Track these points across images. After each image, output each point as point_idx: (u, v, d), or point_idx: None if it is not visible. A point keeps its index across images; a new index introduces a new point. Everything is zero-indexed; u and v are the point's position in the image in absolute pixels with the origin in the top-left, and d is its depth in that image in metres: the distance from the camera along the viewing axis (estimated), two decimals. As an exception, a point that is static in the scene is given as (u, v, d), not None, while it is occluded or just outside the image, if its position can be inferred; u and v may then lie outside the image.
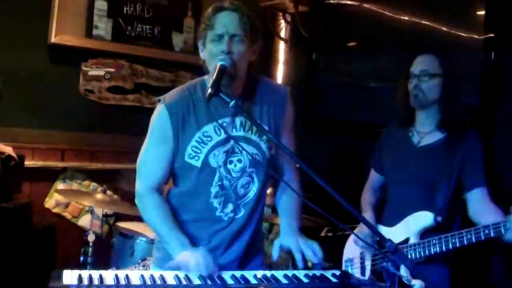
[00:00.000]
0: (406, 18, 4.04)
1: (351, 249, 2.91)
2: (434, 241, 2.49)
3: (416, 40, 3.92)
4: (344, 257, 2.94)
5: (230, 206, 2.21)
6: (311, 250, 2.04)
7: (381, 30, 4.29)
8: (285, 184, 2.28)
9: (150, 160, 2.24)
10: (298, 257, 2.02)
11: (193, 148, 2.16)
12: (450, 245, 2.42)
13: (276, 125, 2.25)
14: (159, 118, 2.20)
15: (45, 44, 4.26)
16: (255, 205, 2.24)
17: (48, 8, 4.22)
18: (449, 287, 2.65)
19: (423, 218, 2.59)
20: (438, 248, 2.46)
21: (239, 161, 2.19)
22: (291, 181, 2.30)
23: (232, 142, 2.16)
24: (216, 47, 2.07)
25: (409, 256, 2.55)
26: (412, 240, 2.59)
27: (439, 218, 2.54)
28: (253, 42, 2.16)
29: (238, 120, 2.18)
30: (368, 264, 2.78)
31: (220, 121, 2.13)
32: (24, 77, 4.19)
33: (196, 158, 2.17)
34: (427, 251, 2.51)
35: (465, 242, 2.38)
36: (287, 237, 2.15)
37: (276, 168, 2.34)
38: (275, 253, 2.08)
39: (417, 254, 2.54)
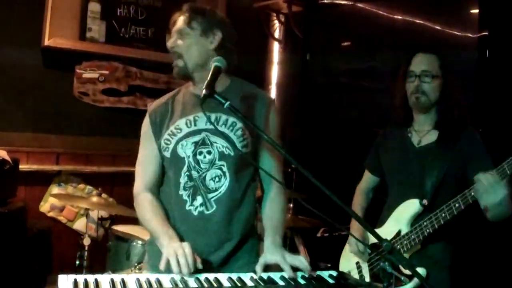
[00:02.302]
0: (400, 17, 4.05)
1: (346, 262, 2.88)
2: (425, 222, 2.46)
3: (410, 39, 3.92)
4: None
5: (199, 199, 2.20)
6: (298, 261, 2.02)
7: (375, 29, 4.29)
8: (271, 195, 2.31)
9: (141, 161, 2.35)
10: (286, 268, 2.01)
11: (165, 141, 2.25)
12: (441, 219, 2.39)
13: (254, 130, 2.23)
14: (144, 123, 2.37)
15: (38, 47, 4.25)
16: (230, 202, 2.22)
17: (41, 11, 4.20)
18: (451, 266, 2.60)
19: (410, 206, 2.57)
20: (430, 228, 2.43)
21: (209, 152, 2.21)
22: (276, 195, 2.32)
23: (203, 134, 2.22)
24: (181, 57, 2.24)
25: (405, 246, 2.54)
26: (404, 231, 2.57)
27: (425, 201, 2.51)
28: (204, 33, 2.25)
29: (213, 116, 2.21)
30: (366, 271, 2.76)
31: (192, 115, 2.24)
32: (18, 81, 4.18)
33: (167, 149, 2.24)
34: (420, 235, 2.48)
35: (455, 212, 2.34)
36: (272, 254, 2.10)
37: (261, 179, 2.36)
38: (259, 270, 2.06)
39: (412, 242, 2.51)
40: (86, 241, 3.49)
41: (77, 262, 3.51)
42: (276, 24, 5.37)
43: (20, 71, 4.19)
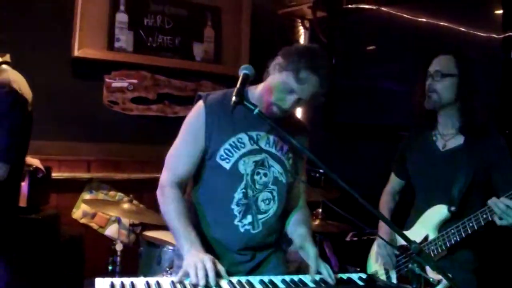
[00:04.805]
0: (423, 20, 4.05)
1: (373, 264, 2.89)
2: (452, 230, 2.47)
3: (434, 41, 3.92)
4: (368, 272, 2.92)
5: (249, 218, 2.24)
6: (326, 271, 2.05)
7: (399, 32, 4.30)
8: (298, 215, 2.38)
9: (178, 154, 2.28)
10: (314, 265, 2.07)
11: (226, 151, 2.21)
12: (469, 229, 2.39)
13: (295, 154, 2.33)
14: (196, 116, 2.26)
15: (69, 58, 4.34)
16: (274, 225, 2.30)
17: (70, 23, 4.30)
18: (477, 269, 2.62)
19: (438, 212, 2.58)
20: (457, 236, 2.44)
21: (265, 175, 2.24)
22: (301, 213, 2.41)
23: (264, 154, 2.24)
24: (287, 99, 2.15)
25: (432, 252, 2.54)
26: (432, 236, 2.58)
27: (453, 208, 2.52)
28: None
29: (272, 137, 2.26)
30: (393, 273, 2.77)
31: (255, 133, 2.23)
32: (50, 91, 4.24)
33: (227, 160, 2.22)
34: (447, 243, 2.49)
35: (482, 222, 2.35)
36: (307, 245, 2.18)
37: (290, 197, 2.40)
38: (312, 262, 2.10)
39: (439, 248, 2.52)
40: (119, 247, 3.54)
41: (110, 268, 3.56)
42: (301, 30, 5.40)
43: (51, 81, 4.26)
